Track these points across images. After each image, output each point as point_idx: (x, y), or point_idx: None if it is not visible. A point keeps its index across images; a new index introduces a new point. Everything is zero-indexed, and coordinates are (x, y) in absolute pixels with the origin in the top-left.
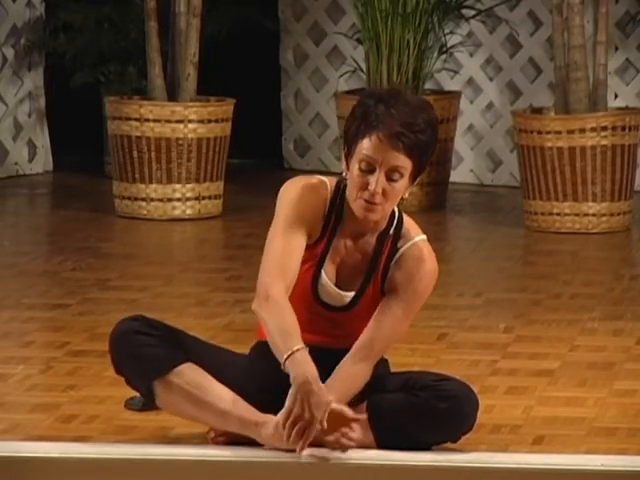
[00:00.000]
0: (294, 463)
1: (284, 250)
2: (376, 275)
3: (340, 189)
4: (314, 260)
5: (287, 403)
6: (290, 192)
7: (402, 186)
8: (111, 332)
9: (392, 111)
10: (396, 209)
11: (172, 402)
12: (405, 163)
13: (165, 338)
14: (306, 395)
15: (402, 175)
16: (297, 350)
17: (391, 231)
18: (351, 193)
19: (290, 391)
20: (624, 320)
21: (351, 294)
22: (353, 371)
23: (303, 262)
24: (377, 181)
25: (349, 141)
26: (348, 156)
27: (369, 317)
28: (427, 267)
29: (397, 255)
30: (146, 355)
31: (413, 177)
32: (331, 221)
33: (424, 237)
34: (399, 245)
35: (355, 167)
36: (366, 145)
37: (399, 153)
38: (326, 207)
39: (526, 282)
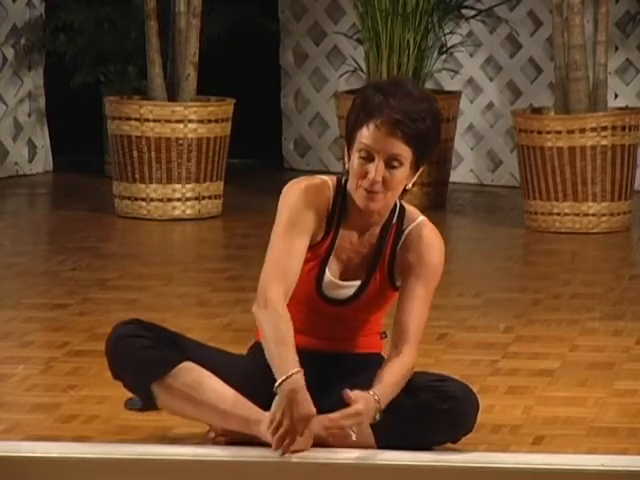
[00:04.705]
0: (294, 463)
1: (285, 253)
2: (382, 261)
3: (342, 185)
4: (318, 259)
5: (272, 409)
6: (292, 195)
7: (403, 175)
8: (107, 338)
9: (391, 100)
10: (397, 200)
11: (172, 404)
12: (404, 151)
13: (160, 340)
14: (290, 404)
15: (402, 163)
16: (294, 373)
17: (394, 220)
18: (352, 183)
19: (276, 399)
20: (624, 320)
21: (357, 283)
22: (398, 363)
23: (306, 262)
24: (376, 169)
25: (349, 132)
26: (349, 148)
27: (373, 309)
28: (435, 241)
29: (402, 238)
30: (141, 359)
31: (415, 166)
32: (334, 219)
33: (425, 218)
34: (403, 228)
35: (355, 156)
36: (365, 134)
37: (397, 141)
38: (329, 206)
39: (526, 282)
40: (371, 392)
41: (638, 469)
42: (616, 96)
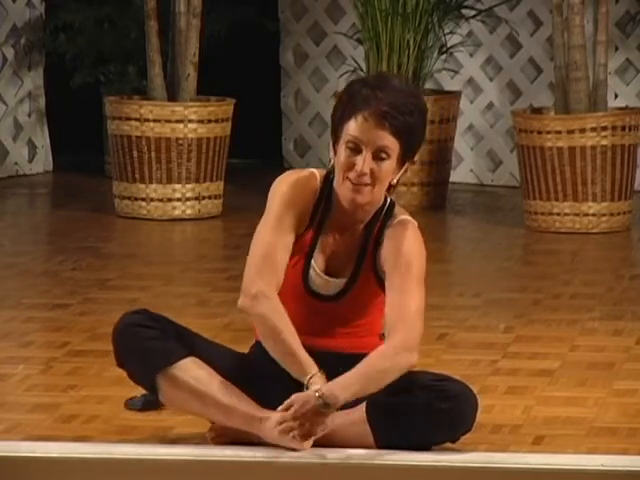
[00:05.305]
0: (294, 463)
1: (272, 246)
2: (367, 258)
3: (329, 180)
4: (303, 251)
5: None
6: (280, 188)
7: (390, 167)
8: (114, 326)
9: (379, 93)
10: (388, 197)
11: (176, 397)
12: (391, 143)
13: (167, 331)
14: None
15: (389, 155)
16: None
17: (381, 216)
18: (338, 177)
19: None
20: (624, 320)
21: (342, 281)
22: (375, 352)
23: (292, 255)
24: (364, 160)
25: (335, 126)
26: (335, 143)
27: (364, 307)
28: (415, 238)
29: (385, 233)
30: (148, 348)
31: (401, 161)
32: (319, 211)
33: (412, 219)
34: (387, 225)
35: (342, 149)
36: (352, 126)
37: (385, 132)
38: (315, 198)
39: (526, 282)
40: (315, 388)
41: (638, 469)
42: (616, 96)
